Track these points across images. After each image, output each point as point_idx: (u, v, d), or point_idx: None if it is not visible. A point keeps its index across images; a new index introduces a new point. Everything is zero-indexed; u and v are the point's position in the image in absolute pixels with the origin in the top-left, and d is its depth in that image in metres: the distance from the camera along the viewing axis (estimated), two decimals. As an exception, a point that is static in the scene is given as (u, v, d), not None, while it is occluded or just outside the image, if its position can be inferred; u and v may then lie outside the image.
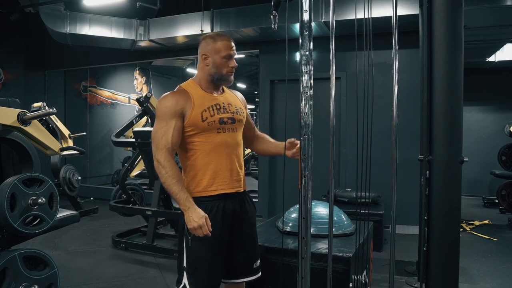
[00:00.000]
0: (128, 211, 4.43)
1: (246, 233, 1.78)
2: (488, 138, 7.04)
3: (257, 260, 1.83)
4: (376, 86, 2.47)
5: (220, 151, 1.69)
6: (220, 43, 1.70)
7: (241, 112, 1.80)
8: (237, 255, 1.76)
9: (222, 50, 1.70)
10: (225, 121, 1.70)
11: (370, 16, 1.81)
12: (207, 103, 1.69)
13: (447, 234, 2.12)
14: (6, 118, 2.56)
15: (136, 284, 3.06)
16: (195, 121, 1.65)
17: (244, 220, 1.77)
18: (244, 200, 1.80)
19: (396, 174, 1.93)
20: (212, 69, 1.71)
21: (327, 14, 4.41)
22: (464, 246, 2.94)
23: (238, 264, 1.78)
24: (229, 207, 1.71)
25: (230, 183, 1.71)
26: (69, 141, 4.93)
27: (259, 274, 1.84)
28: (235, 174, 1.73)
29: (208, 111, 1.68)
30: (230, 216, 1.71)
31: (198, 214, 1.57)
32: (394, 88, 1.93)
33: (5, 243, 2.27)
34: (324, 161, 2.96)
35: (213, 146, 1.68)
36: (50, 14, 5.31)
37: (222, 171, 1.69)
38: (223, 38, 1.72)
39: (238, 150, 1.76)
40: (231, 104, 1.77)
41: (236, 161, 1.74)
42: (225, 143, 1.70)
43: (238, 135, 1.78)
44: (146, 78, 7.55)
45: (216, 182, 1.69)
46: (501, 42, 5.19)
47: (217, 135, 1.68)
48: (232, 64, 1.72)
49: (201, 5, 5.12)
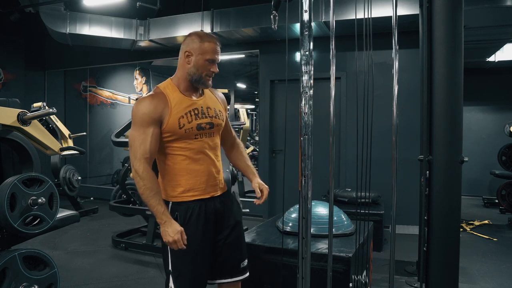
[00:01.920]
0: (128, 211, 4.43)
1: (231, 232, 1.76)
2: (488, 138, 7.04)
3: (244, 260, 1.80)
4: (376, 86, 2.47)
5: (197, 157, 1.67)
6: (207, 45, 1.64)
7: (220, 115, 1.75)
8: (223, 255, 1.74)
9: (207, 53, 1.63)
10: (203, 126, 1.66)
11: (370, 16, 1.81)
12: (184, 108, 1.64)
13: (447, 234, 2.12)
14: (6, 118, 2.56)
15: (136, 284, 3.06)
16: (172, 128, 1.60)
17: (228, 218, 1.75)
18: (227, 200, 1.78)
19: (396, 174, 1.93)
20: (192, 68, 1.65)
21: (327, 14, 4.41)
22: (464, 246, 2.94)
23: (224, 263, 1.75)
24: (210, 206, 1.69)
25: (206, 189, 1.69)
26: (69, 141, 4.92)
27: (247, 274, 1.81)
28: (211, 179, 1.70)
29: (186, 117, 1.63)
30: (212, 215, 1.69)
31: (174, 229, 1.55)
32: (394, 88, 1.93)
33: (5, 243, 2.27)
34: (324, 161, 2.97)
35: (190, 152, 1.65)
36: (50, 14, 5.31)
37: (198, 177, 1.67)
38: (210, 40, 1.65)
39: (215, 153, 1.73)
40: (210, 108, 1.72)
41: (213, 166, 1.71)
42: (202, 149, 1.67)
43: (216, 139, 1.75)
44: (146, 78, 7.55)
45: (192, 188, 1.67)
46: (501, 42, 5.19)
47: (194, 141, 1.65)
48: (214, 69, 1.67)
49: (201, 5, 5.12)
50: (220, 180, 1.76)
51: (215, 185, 1.73)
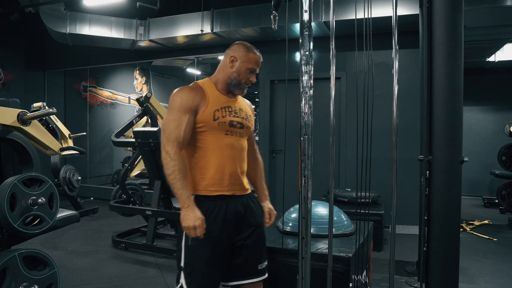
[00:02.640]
0: (128, 211, 4.43)
1: (251, 233, 1.76)
2: (488, 138, 7.04)
3: (263, 262, 1.81)
4: (376, 86, 2.47)
5: (224, 153, 1.70)
6: (252, 56, 1.75)
7: (250, 119, 1.83)
8: (241, 257, 1.75)
9: (250, 62, 1.74)
10: (235, 124, 1.73)
11: (370, 16, 1.81)
12: (221, 103, 1.72)
13: (447, 234, 2.12)
14: (6, 118, 2.56)
15: (136, 284, 3.06)
16: (206, 119, 1.66)
17: (248, 221, 1.76)
18: (249, 202, 1.79)
19: (396, 174, 1.93)
20: (234, 73, 1.74)
21: (327, 14, 4.41)
22: (464, 246, 2.94)
23: (240, 264, 1.76)
24: (231, 207, 1.70)
25: (229, 186, 1.71)
26: (69, 141, 4.93)
27: (265, 276, 1.82)
28: (235, 178, 1.73)
29: (221, 111, 1.70)
30: (232, 216, 1.70)
31: (196, 215, 1.56)
32: (394, 88, 1.93)
33: (5, 243, 2.27)
34: (324, 161, 2.97)
35: (219, 146, 1.69)
36: (50, 14, 5.31)
37: (223, 173, 1.70)
38: (256, 52, 1.78)
39: (242, 155, 1.77)
40: (242, 110, 1.80)
41: (239, 166, 1.74)
42: (231, 146, 1.71)
43: (244, 141, 1.80)
44: (146, 78, 7.55)
45: (216, 183, 1.69)
46: (501, 42, 5.19)
47: (225, 136, 1.70)
48: (252, 78, 1.78)
49: (201, 5, 5.12)
50: (245, 181, 1.79)
51: (239, 185, 1.75)
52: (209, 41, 5.53)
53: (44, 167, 3.25)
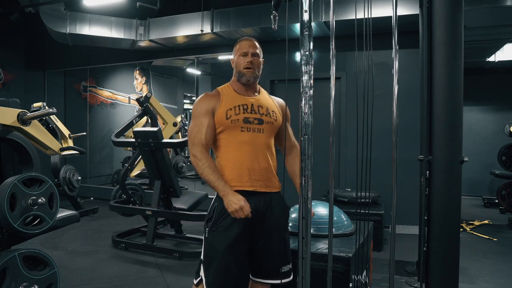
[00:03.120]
0: (128, 211, 4.43)
1: (272, 235, 1.76)
2: (488, 138, 7.04)
3: (286, 264, 1.81)
4: (376, 86, 2.46)
5: (242, 149, 1.74)
6: (239, 44, 1.85)
7: (273, 115, 1.84)
8: (262, 256, 1.76)
9: (241, 48, 1.83)
10: (251, 120, 1.76)
11: (370, 16, 1.81)
12: (234, 102, 1.78)
13: (447, 234, 2.12)
14: (6, 118, 2.56)
15: (136, 284, 3.06)
16: (220, 119, 1.75)
17: (269, 220, 1.76)
18: (272, 201, 1.79)
19: (396, 174, 1.93)
20: (235, 68, 1.84)
21: (327, 14, 4.41)
22: (464, 246, 2.94)
23: (263, 265, 1.78)
24: (251, 204, 1.70)
25: (249, 181, 1.73)
26: (69, 141, 4.93)
27: (289, 278, 1.82)
28: (256, 174, 1.75)
29: (234, 109, 1.76)
30: (251, 213, 1.70)
31: (238, 197, 1.64)
32: (394, 88, 1.93)
33: (5, 243, 2.27)
34: (324, 161, 2.96)
35: (236, 143, 1.74)
36: (50, 14, 5.31)
37: (242, 169, 1.73)
38: (243, 39, 1.86)
39: (264, 151, 1.78)
40: (262, 106, 1.83)
41: (259, 161, 1.76)
42: (249, 142, 1.74)
43: (266, 137, 1.80)
44: (146, 78, 7.55)
45: (235, 179, 1.73)
46: (501, 42, 5.19)
47: (240, 133, 1.74)
48: (248, 59, 1.81)
49: (201, 5, 5.12)
50: (268, 178, 1.79)
51: (260, 181, 1.76)
52: (209, 41, 5.53)
53: (44, 167, 3.24)
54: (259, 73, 1.85)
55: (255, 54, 1.83)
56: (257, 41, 1.89)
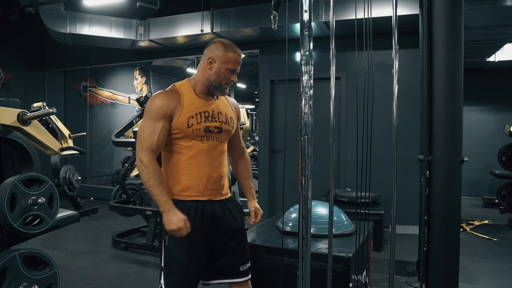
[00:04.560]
0: (128, 211, 4.43)
1: (231, 238, 1.75)
2: (488, 138, 7.04)
3: (244, 264, 1.79)
4: (376, 86, 2.47)
5: (200, 159, 1.68)
6: (231, 55, 1.67)
7: (231, 122, 1.77)
8: (221, 258, 1.74)
9: (229, 62, 1.67)
10: (211, 130, 1.68)
11: (370, 16, 1.81)
12: (196, 109, 1.67)
13: (447, 234, 2.12)
14: (6, 118, 2.56)
15: (136, 284, 3.06)
16: (180, 126, 1.63)
17: (229, 224, 1.74)
18: (228, 205, 1.77)
19: (396, 174, 1.93)
20: (213, 75, 1.67)
21: (327, 14, 4.41)
22: (464, 246, 2.94)
23: (222, 265, 1.76)
24: (208, 209, 1.69)
25: (204, 191, 1.69)
26: (69, 141, 4.92)
27: (248, 277, 1.81)
28: (211, 183, 1.70)
29: (195, 117, 1.65)
30: (209, 217, 1.69)
31: (178, 217, 1.56)
32: (394, 88, 1.93)
33: (5, 243, 2.27)
34: (324, 161, 2.97)
35: (194, 152, 1.67)
36: (50, 14, 5.31)
37: (198, 178, 1.68)
38: (235, 50, 1.69)
39: (220, 159, 1.74)
40: (221, 113, 1.74)
41: (216, 170, 1.72)
42: (207, 151, 1.69)
43: (223, 145, 1.76)
44: (146, 78, 7.54)
45: (190, 188, 1.68)
46: (501, 42, 5.19)
47: (200, 142, 1.67)
48: (233, 78, 1.70)
49: (201, 5, 5.12)
50: (222, 186, 1.75)
51: (215, 190, 1.72)
52: (209, 41, 5.50)
53: (44, 167, 3.25)
54: None
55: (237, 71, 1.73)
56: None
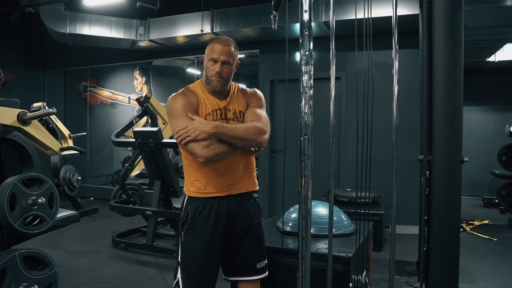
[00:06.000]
0: (128, 211, 4.43)
1: (246, 234, 1.77)
2: (488, 138, 7.04)
3: (261, 261, 1.82)
4: (376, 86, 2.47)
5: None
6: (211, 46, 1.68)
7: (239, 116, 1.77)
8: (237, 254, 1.77)
9: (211, 52, 1.67)
10: None
11: (370, 16, 1.81)
12: (211, 106, 1.72)
13: (447, 234, 2.12)
14: (6, 118, 2.56)
15: (136, 284, 3.06)
16: None
17: (243, 220, 1.76)
18: (243, 201, 1.78)
19: (396, 174, 1.93)
20: (205, 71, 1.72)
21: (327, 14, 4.41)
22: (464, 246, 2.94)
23: (238, 263, 1.78)
24: (223, 206, 1.71)
25: (224, 187, 1.72)
26: (69, 141, 4.92)
27: (264, 274, 1.84)
28: (230, 179, 1.72)
29: (212, 114, 1.70)
30: (224, 214, 1.71)
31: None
32: (394, 88, 1.93)
33: (5, 243, 2.27)
34: (324, 161, 2.97)
35: None
36: (50, 14, 5.31)
37: (216, 176, 1.70)
38: (216, 41, 1.68)
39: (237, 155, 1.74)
40: (230, 110, 1.76)
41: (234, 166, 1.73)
42: None
43: None
44: (146, 78, 7.54)
45: (209, 186, 1.71)
46: (501, 42, 5.19)
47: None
48: (216, 68, 1.66)
49: (201, 5, 5.12)
50: (241, 180, 1.77)
51: (233, 185, 1.74)
52: (208, 41, 5.53)
53: (44, 167, 3.25)
54: (229, 81, 1.75)
55: (226, 62, 1.66)
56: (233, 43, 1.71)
